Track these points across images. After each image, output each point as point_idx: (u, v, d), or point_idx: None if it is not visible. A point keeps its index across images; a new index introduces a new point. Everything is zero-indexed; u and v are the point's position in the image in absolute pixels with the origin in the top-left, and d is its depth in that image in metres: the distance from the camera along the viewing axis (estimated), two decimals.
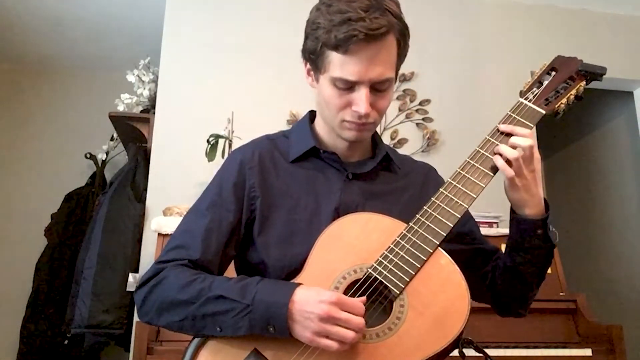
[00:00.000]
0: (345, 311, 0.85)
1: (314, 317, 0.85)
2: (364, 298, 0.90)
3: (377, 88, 0.98)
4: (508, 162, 0.96)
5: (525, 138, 0.96)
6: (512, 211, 1.03)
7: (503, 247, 1.13)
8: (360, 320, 0.85)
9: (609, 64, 1.06)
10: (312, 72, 1.05)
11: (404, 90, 2.84)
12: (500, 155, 0.97)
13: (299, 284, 0.90)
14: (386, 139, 2.71)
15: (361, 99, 0.97)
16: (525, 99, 1.03)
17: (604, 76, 1.05)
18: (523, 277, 1.04)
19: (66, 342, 2.54)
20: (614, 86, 3.26)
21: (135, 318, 2.23)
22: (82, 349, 2.49)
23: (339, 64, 0.96)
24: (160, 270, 0.98)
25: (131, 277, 2.29)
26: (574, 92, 1.04)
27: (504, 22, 3.12)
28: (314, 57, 1.00)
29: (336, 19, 0.94)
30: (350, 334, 0.84)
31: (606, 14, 3.24)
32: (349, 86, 0.97)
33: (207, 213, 1.03)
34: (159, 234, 2.14)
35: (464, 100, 2.92)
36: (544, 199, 1.01)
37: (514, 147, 0.97)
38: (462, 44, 3.02)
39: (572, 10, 3.20)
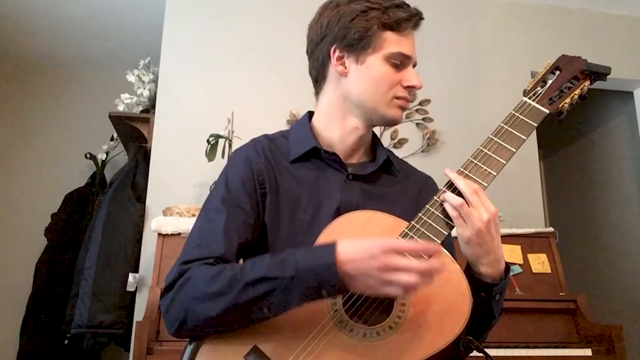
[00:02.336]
0: (405, 252, 0.82)
1: (373, 272, 0.81)
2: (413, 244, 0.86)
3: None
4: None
5: (467, 184, 0.92)
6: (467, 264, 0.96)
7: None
8: (418, 265, 0.80)
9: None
10: (348, 58, 1.06)
11: None
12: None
13: (335, 242, 0.86)
14: (386, 139, 2.71)
15: (414, 73, 1.06)
16: (529, 98, 1.03)
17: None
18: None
19: (66, 342, 2.53)
20: (614, 86, 3.26)
21: (136, 318, 2.23)
22: (82, 349, 2.49)
23: (395, 41, 1.04)
24: (185, 271, 0.93)
25: (131, 277, 2.29)
26: (578, 91, 1.03)
27: (504, 22, 3.12)
28: (365, 38, 1.03)
29: (388, 3, 1.04)
30: (413, 279, 0.80)
31: (606, 14, 3.24)
32: (401, 62, 1.05)
33: (223, 208, 1.00)
34: (159, 234, 2.14)
35: (464, 100, 2.92)
36: (506, 263, 0.95)
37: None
38: (462, 44, 3.02)
39: (572, 10, 3.20)
